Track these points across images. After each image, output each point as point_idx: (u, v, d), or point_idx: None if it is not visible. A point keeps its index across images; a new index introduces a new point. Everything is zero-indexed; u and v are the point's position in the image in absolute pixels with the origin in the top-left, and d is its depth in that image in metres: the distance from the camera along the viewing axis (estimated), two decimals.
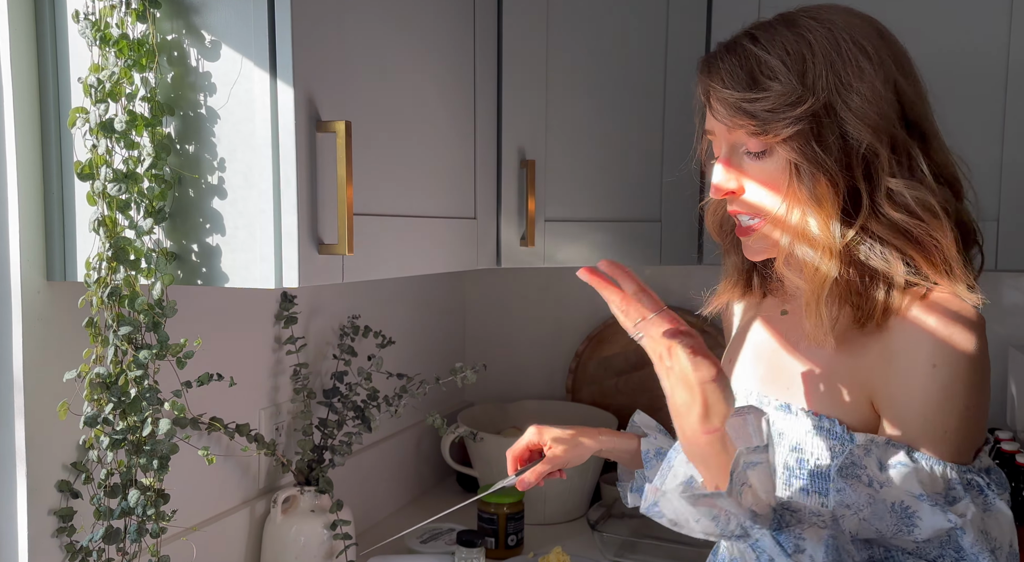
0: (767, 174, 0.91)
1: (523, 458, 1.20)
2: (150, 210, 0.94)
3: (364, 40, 1.04)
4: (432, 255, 1.21)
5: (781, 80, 0.87)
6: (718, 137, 0.95)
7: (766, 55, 0.89)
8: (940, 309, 0.85)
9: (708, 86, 0.93)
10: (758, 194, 0.92)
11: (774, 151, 0.90)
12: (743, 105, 0.89)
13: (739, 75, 0.89)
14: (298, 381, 1.45)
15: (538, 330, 2.12)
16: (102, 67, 0.94)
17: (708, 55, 0.95)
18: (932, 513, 0.81)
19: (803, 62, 0.87)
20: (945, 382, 0.83)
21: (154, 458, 0.98)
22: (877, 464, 0.84)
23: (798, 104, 0.86)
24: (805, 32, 0.89)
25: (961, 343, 0.83)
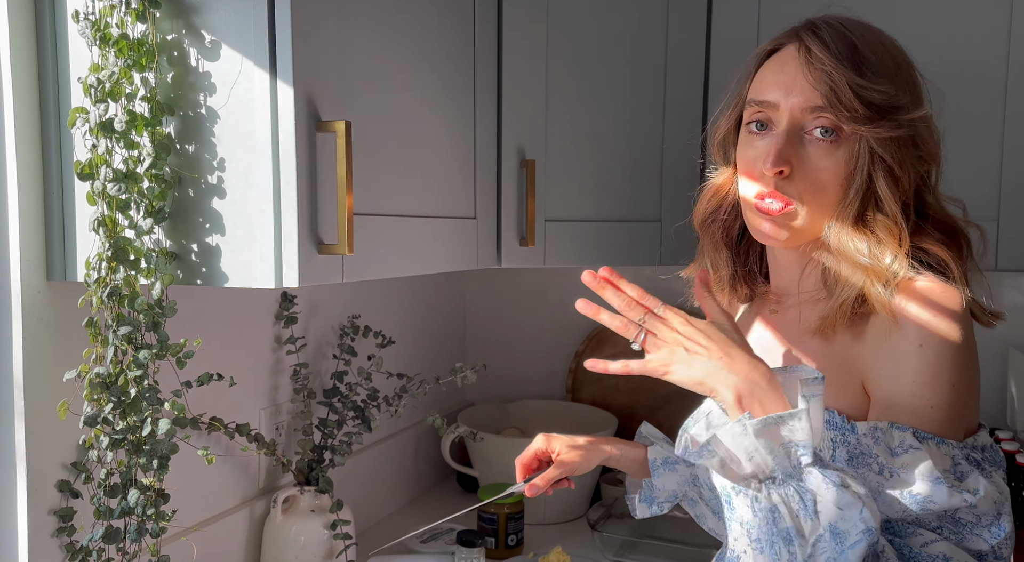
0: (832, 162, 0.89)
1: (531, 466, 1.21)
2: (150, 210, 0.94)
3: (364, 40, 1.04)
4: (432, 255, 1.21)
5: (887, 78, 0.88)
6: (780, 111, 0.91)
7: (863, 46, 0.88)
8: (925, 295, 0.87)
9: (813, 54, 0.89)
10: (813, 179, 0.90)
11: (843, 140, 0.89)
12: (857, 89, 0.86)
13: (846, 55, 0.88)
14: (298, 381, 1.45)
15: (538, 330, 2.12)
16: (102, 67, 0.94)
17: (806, 22, 0.92)
18: (949, 495, 0.82)
19: (891, 70, 0.89)
20: (931, 359, 0.85)
21: (154, 458, 0.98)
22: (887, 451, 0.85)
23: (904, 109, 0.88)
24: (884, 41, 0.91)
25: (946, 326, 0.86)
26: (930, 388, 0.85)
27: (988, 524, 0.83)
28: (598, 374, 2.23)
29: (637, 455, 1.22)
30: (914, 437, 0.84)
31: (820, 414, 0.82)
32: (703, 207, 1.07)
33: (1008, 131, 1.40)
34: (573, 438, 1.21)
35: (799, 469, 0.80)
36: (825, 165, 0.89)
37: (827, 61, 0.87)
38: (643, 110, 1.51)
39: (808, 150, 0.90)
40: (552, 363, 2.12)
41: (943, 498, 0.82)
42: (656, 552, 1.54)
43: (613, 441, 1.23)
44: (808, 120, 0.89)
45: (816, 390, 0.82)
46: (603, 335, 2.02)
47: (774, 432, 0.80)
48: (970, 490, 0.82)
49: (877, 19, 0.95)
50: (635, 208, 1.52)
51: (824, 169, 0.89)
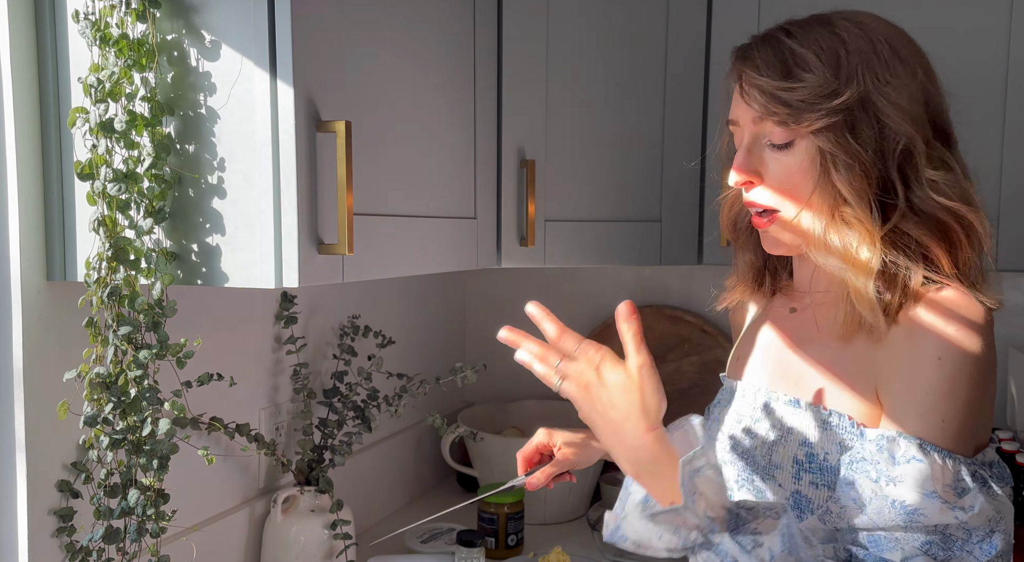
0: (789, 165, 0.92)
1: (533, 460, 1.21)
2: (150, 210, 0.94)
3: (364, 40, 1.04)
4: (432, 255, 1.21)
5: (815, 72, 0.89)
6: (742, 127, 0.96)
7: (800, 48, 0.90)
8: (948, 306, 0.86)
9: (742, 72, 0.94)
10: (777, 185, 0.93)
11: (798, 143, 0.91)
12: (778, 93, 0.90)
13: (774, 64, 0.91)
14: (298, 381, 1.45)
15: (538, 330, 2.12)
16: (102, 67, 0.94)
17: (743, 45, 0.96)
18: (940, 511, 0.81)
19: (837, 58, 0.89)
20: (948, 374, 0.84)
21: (154, 458, 0.98)
22: (890, 459, 0.85)
23: (833, 96, 0.88)
24: (839, 31, 0.91)
25: (966, 339, 0.85)
26: (945, 402, 0.84)
27: (979, 541, 0.82)
28: None
29: None
30: (919, 449, 0.83)
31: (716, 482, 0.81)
32: (724, 215, 1.09)
33: (1008, 131, 1.40)
34: (575, 432, 1.21)
35: (709, 541, 0.81)
36: (784, 171, 0.92)
37: (754, 76, 0.91)
38: (643, 110, 1.51)
39: (768, 160, 0.94)
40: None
41: (933, 513, 0.81)
42: None
43: None
44: (763, 131, 0.93)
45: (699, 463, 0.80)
46: (603, 335, 2.02)
47: (670, 517, 0.81)
48: (964, 507, 0.81)
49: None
50: (635, 208, 1.52)
51: (785, 174, 0.92)
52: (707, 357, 1.93)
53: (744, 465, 0.98)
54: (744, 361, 1.08)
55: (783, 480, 0.94)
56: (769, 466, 0.95)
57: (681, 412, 2.17)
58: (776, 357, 1.02)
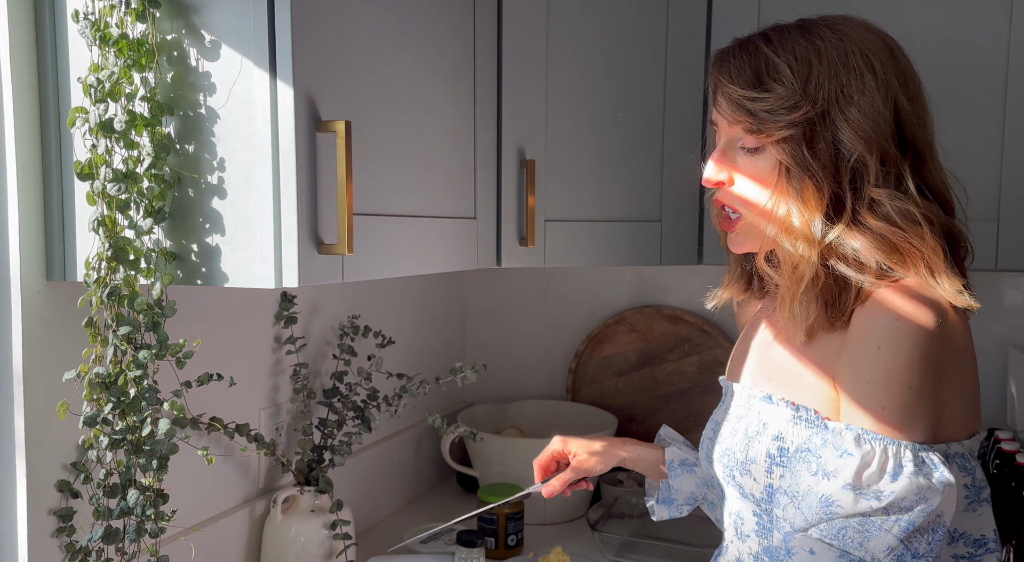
0: (757, 170, 0.96)
1: (549, 468, 1.22)
2: (150, 210, 0.94)
3: (364, 40, 1.03)
4: (432, 255, 1.20)
5: (785, 84, 0.91)
6: (720, 129, 1.00)
7: (775, 57, 0.93)
8: (895, 293, 0.88)
9: (716, 79, 0.97)
10: (746, 188, 0.97)
11: (766, 150, 0.94)
12: (744, 102, 0.93)
13: (746, 73, 0.94)
14: (298, 381, 1.45)
15: (538, 330, 2.12)
16: (102, 67, 0.94)
17: (722, 49, 0.99)
18: (855, 500, 0.84)
19: (809, 69, 0.91)
20: (887, 362, 0.86)
21: (153, 458, 0.98)
22: (833, 451, 0.87)
23: (794, 109, 0.91)
24: (817, 40, 0.92)
25: (909, 324, 0.86)
26: (883, 390, 0.86)
27: (896, 518, 0.83)
28: (598, 375, 2.23)
29: (655, 456, 1.24)
30: (855, 442, 0.86)
31: None
32: (715, 213, 1.09)
33: (1008, 131, 1.40)
34: (590, 440, 1.23)
35: None
36: (751, 175, 0.96)
37: (724, 82, 0.95)
38: (643, 110, 1.51)
39: (739, 162, 0.98)
40: (552, 363, 2.12)
41: (847, 503, 0.84)
42: (656, 552, 1.54)
43: (629, 442, 1.25)
44: (737, 135, 0.97)
45: None
46: (603, 335, 2.02)
47: None
48: (878, 495, 0.83)
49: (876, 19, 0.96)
50: (635, 208, 1.52)
51: (753, 178, 0.96)
52: (707, 357, 1.93)
53: (727, 462, 1.02)
54: (738, 362, 1.11)
55: (757, 474, 0.96)
56: (746, 460, 0.98)
57: (681, 412, 2.17)
58: (758, 355, 1.05)
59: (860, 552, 0.84)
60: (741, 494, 1.00)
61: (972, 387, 0.93)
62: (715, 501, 1.21)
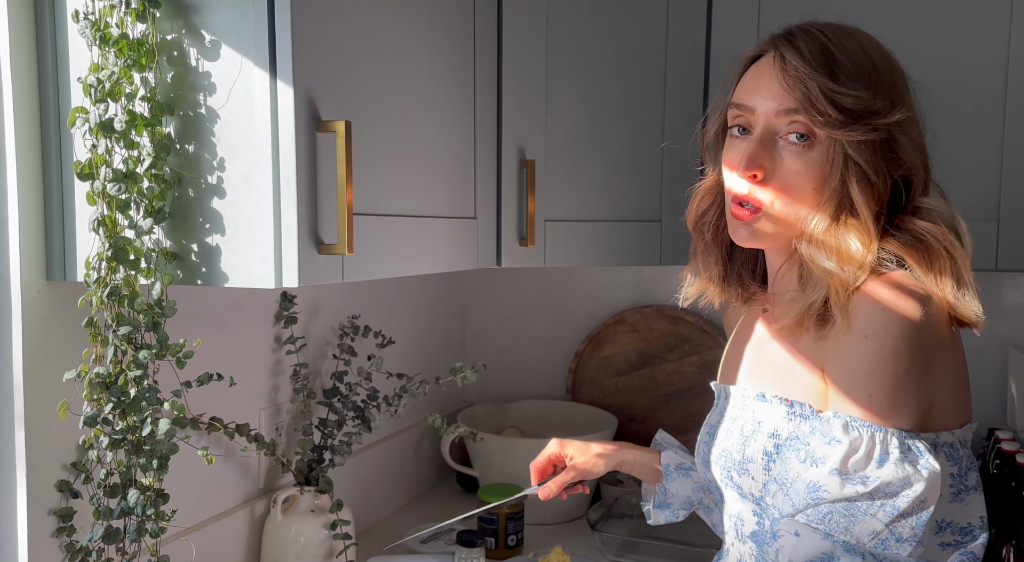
0: (805, 166, 0.91)
1: (546, 471, 1.22)
2: (150, 210, 0.94)
3: (364, 40, 1.04)
4: (432, 255, 1.21)
5: (857, 82, 0.89)
6: (756, 115, 0.94)
7: (839, 52, 0.90)
8: (888, 285, 0.88)
9: (788, 60, 0.90)
10: (786, 182, 0.92)
11: (817, 145, 0.90)
12: (830, 94, 0.88)
13: (821, 61, 0.89)
14: (298, 381, 1.45)
15: (538, 330, 2.12)
16: (102, 67, 0.94)
17: (784, 30, 0.94)
18: (841, 485, 0.84)
19: (868, 75, 0.90)
20: (874, 350, 0.86)
21: (154, 458, 0.98)
22: (821, 439, 0.88)
23: (879, 114, 0.88)
24: (865, 46, 0.91)
25: (895, 314, 0.86)
26: (870, 377, 0.86)
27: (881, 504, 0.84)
28: (598, 375, 2.23)
29: (651, 460, 1.23)
30: (843, 429, 0.86)
31: None
32: (694, 208, 1.08)
33: (1008, 131, 1.40)
34: (587, 444, 1.22)
35: None
36: (798, 169, 0.91)
37: (801, 67, 0.89)
38: (643, 110, 1.51)
39: (783, 154, 0.92)
40: (552, 363, 2.12)
41: (834, 488, 0.84)
42: (656, 552, 1.54)
43: (627, 446, 1.25)
44: (783, 124, 0.91)
45: None
46: (603, 335, 2.02)
47: None
48: (864, 480, 0.84)
49: (877, 20, 0.96)
50: (635, 208, 1.52)
51: (797, 173, 0.91)
52: (707, 357, 1.93)
53: (724, 463, 1.02)
54: (730, 366, 1.12)
55: (755, 473, 0.96)
56: (743, 460, 0.98)
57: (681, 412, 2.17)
58: (750, 356, 1.05)
59: (845, 536, 0.85)
60: (740, 495, 1.00)
61: (961, 377, 0.93)
62: (711, 506, 1.21)
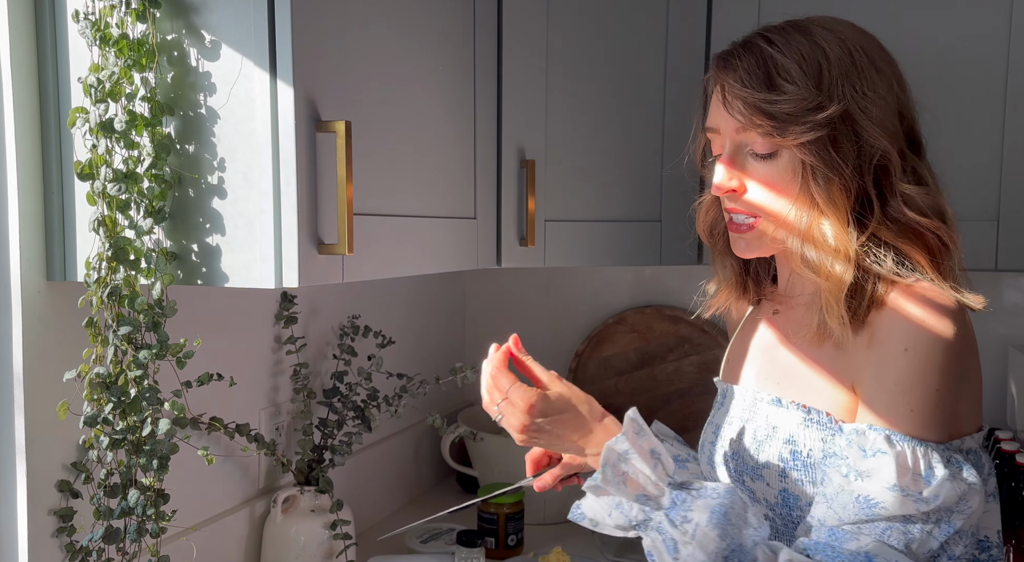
0: (772, 175, 0.93)
1: (541, 462, 1.21)
2: (150, 210, 0.94)
3: (364, 40, 1.04)
4: (432, 255, 1.21)
5: (799, 84, 0.89)
6: (722, 135, 0.96)
7: (783, 58, 0.90)
8: (918, 298, 0.87)
9: (724, 82, 0.94)
10: (760, 194, 0.94)
11: (781, 153, 0.91)
12: (762, 106, 0.90)
13: (757, 74, 0.91)
14: (298, 381, 1.45)
15: (538, 330, 2.12)
16: (102, 67, 0.94)
17: (724, 52, 0.96)
18: (902, 503, 0.83)
19: (819, 69, 0.89)
20: (915, 364, 0.85)
21: (154, 458, 0.98)
22: (859, 453, 0.86)
23: (818, 110, 0.88)
24: (819, 40, 0.91)
25: (934, 329, 0.86)
26: (913, 391, 0.85)
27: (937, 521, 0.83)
28: (598, 375, 2.22)
29: None
30: (887, 441, 0.85)
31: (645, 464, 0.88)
32: (701, 221, 1.09)
33: (1008, 131, 1.40)
34: None
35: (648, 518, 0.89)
36: (767, 180, 0.93)
37: (733, 87, 0.92)
38: (643, 110, 1.51)
39: (751, 168, 0.94)
40: (552, 363, 2.10)
41: (893, 505, 0.83)
42: None
43: None
44: (746, 140, 0.93)
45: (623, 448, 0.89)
46: (603, 335, 2.02)
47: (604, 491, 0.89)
48: (926, 499, 0.82)
49: (877, 20, 0.96)
50: (635, 208, 1.52)
51: (768, 184, 0.93)
52: (707, 357, 1.93)
53: (735, 466, 1.00)
54: (735, 364, 1.10)
55: (770, 479, 0.95)
56: (757, 466, 0.97)
57: (681, 412, 2.17)
58: (762, 358, 1.04)
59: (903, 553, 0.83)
60: (751, 498, 0.99)
61: (979, 381, 0.93)
62: None
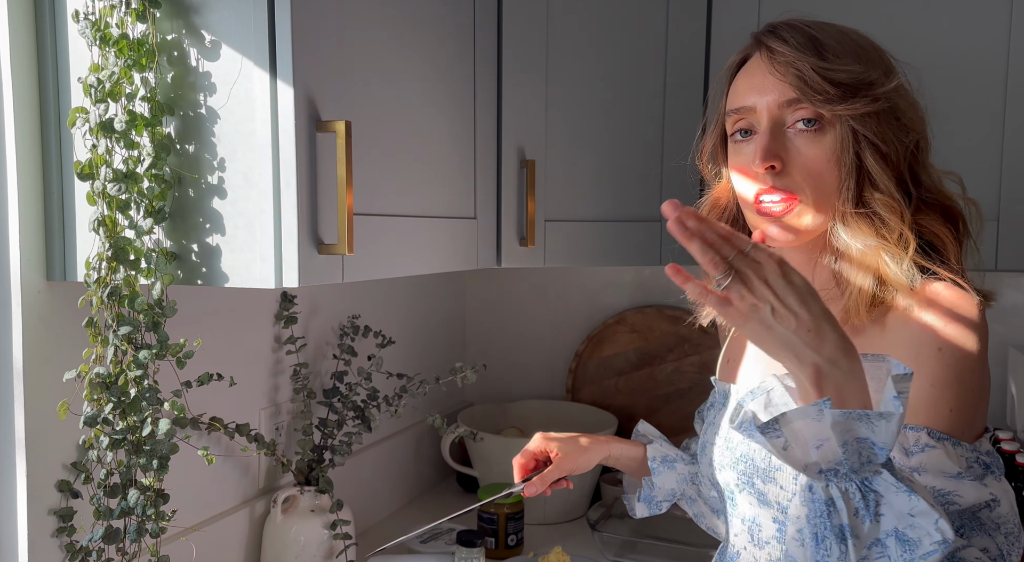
0: (819, 149, 0.90)
1: (528, 466, 1.19)
2: (150, 210, 0.94)
3: (364, 40, 1.04)
4: (432, 255, 1.21)
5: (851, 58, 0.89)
6: (759, 113, 0.93)
7: (825, 37, 0.90)
8: (940, 297, 0.87)
9: (775, 51, 0.91)
10: (806, 169, 0.91)
11: (827, 128, 0.90)
12: (823, 72, 0.88)
13: (807, 45, 0.90)
14: (298, 381, 1.45)
15: (538, 330, 2.12)
16: (102, 67, 0.94)
17: (764, 28, 0.95)
18: (974, 488, 0.81)
19: (857, 51, 0.90)
20: (951, 364, 0.85)
21: (154, 458, 0.98)
22: (901, 451, 0.85)
23: (876, 84, 0.88)
24: (845, 30, 0.92)
25: (965, 329, 0.85)
26: (951, 391, 0.84)
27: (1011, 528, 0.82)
28: (598, 375, 2.22)
29: (636, 454, 1.22)
30: (929, 436, 0.84)
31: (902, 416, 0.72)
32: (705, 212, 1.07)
33: (1008, 131, 1.40)
34: (571, 438, 1.20)
35: (868, 468, 0.72)
36: (814, 154, 0.90)
37: (789, 53, 0.89)
38: (643, 110, 1.51)
39: (795, 143, 0.91)
40: (552, 363, 2.12)
41: (968, 493, 0.81)
42: (656, 552, 1.54)
43: (612, 440, 1.23)
44: (788, 115, 0.91)
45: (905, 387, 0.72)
46: (603, 335, 2.02)
47: (852, 426, 0.70)
48: (989, 484, 0.82)
49: (876, 20, 0.96)
50: (635, 208, 1.52)
51: (814, 158, 0.90)
52: (707, 357, 1.92)
53: (744, 469, 0.98)
54: (736, 363, 1.08)
55: (784, 482, 0.93)
56: (769, 468, 0.94)
57: (681, 412, 2.17)
58: (765, 358, 1.01)
59: None
60: (761, 501, 0.97)
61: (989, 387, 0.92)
62: (694, 496, 1.20)
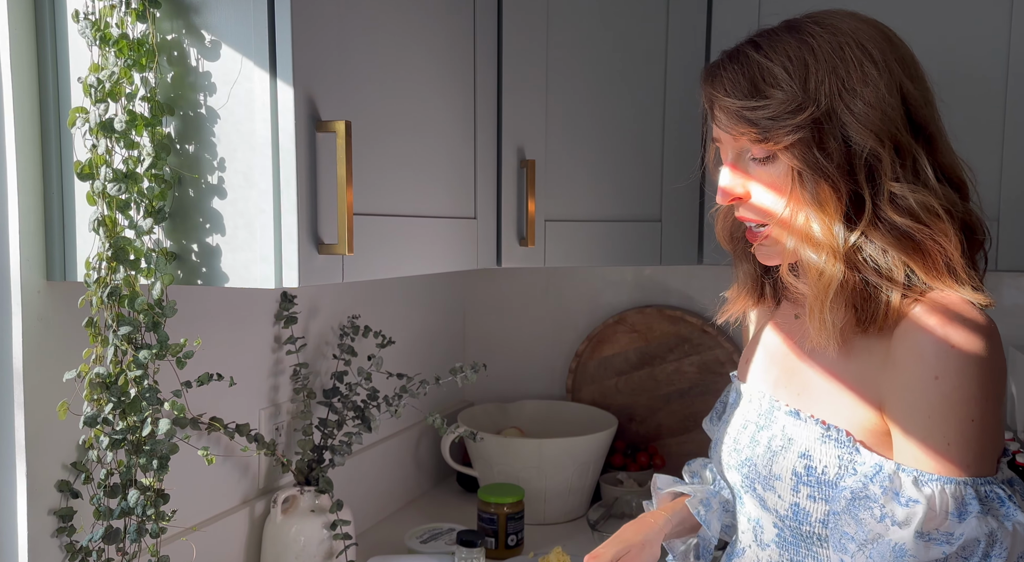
0: (772, 179, 0.92)
1: None
2: (150, 210, 0.94)
3: (364, 40, 1.04)
4: (432, 255, 1.21)
5: (783, 87, 0.88)
6: (724, 144, 0.96)
7: (768, 62, 0.90)
8: (943, 313, 0.83)
9: (711, 95, 0.94)
10: (764, 198, 0.93)
11: (777, 157, 0.91)
12: (744, 113, 0.90)
13: (741, 83, 0.91)
14: (298, 381, 1.45)
15: (538, 330, 2.12)
16: (102, 67, 0.94)
17: (711, 64, 0.96)
18: (926, 548, 0.80)
19: (806, 68, 0.88)
20: (947, 394, 0.81)
21: (154, 458, 0.98)
22: (893, 496, 0.83)
23: (799, 112, 0.87)
24: (808, 38, 0.89)
25: (966, 350, 0.81)
26: (946, 424, 0.81)
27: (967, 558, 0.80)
28: (598, 375, 2.23)
29: (685, 515, 1.18)
30: (914, 486, 0.82)
31: None
32: (719, 227, 1.08)
33: (1008, 131, 1.40)
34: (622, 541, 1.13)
35: None
36: (768, 183, 0.93)
37: (719, 97, 0.92)
38: (643, 110, 1.51)
39: (753, 173, 0.94)
40: (552, 363, 2.12)
41: (920, 552, 0.80)
42: None
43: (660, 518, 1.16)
44: (745, 147, 0.93)
45: None
46: (603, 335, 2.02)
47: None
48: (949, 540, 0.79)
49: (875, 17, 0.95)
50: (635, 208, 1.52)
51: (769, 186, 0.93)
52: (707, 357, 1.93)
53: (748, 472, 0.98)
54: (751, 365, 1.08)
55: (782, 491, 0.93)
56: (770, 476, 0.94)
57: (681, 412, 2.16)
58: (780, 365, 1.01)
59: None
60: (762, 506, 0.97)
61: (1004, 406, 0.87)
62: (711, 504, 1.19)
